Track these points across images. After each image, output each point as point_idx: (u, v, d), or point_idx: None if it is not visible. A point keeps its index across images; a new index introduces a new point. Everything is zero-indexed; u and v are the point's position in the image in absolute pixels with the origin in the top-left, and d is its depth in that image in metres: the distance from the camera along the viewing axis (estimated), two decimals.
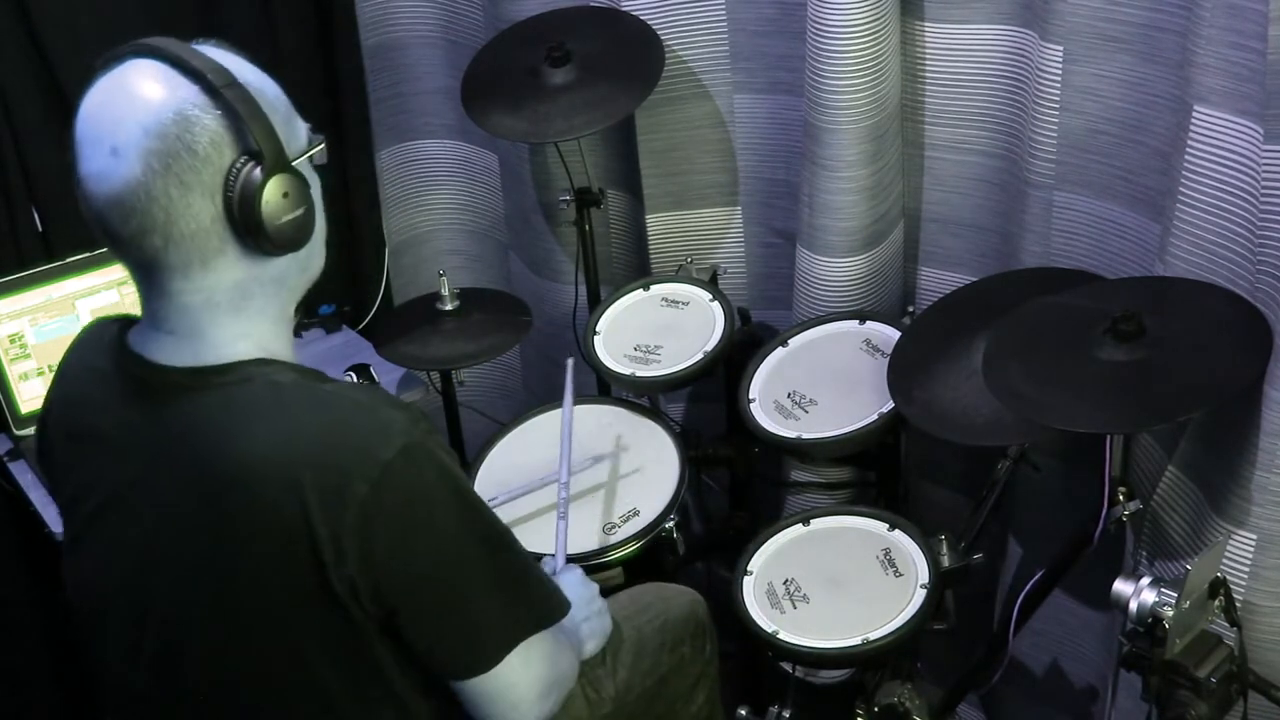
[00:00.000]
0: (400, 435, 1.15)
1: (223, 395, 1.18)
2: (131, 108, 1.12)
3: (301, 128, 1.23)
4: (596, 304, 2.30)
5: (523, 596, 1.28)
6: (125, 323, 1.28)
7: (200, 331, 1.19)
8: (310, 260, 1.25)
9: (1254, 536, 1.55)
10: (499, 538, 1.26)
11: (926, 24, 1.99)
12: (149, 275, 1.17)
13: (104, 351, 1.27)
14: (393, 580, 1.17)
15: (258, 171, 1.12)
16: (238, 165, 1.12)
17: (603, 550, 1.90)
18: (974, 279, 2.04)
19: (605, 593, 1.67)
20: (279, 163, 1.14)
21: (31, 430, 2.08)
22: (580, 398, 2.27)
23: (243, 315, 1.20)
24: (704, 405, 2.50)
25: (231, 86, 1.12)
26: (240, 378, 1.19)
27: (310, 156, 1.22)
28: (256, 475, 1.13)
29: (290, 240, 1.17)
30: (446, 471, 1.19)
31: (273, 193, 1.13)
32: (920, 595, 1.72)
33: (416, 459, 1.16)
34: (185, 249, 1.14)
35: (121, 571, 1.26)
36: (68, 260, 2.16)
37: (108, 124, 1.12)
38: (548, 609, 1.32)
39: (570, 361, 2.09)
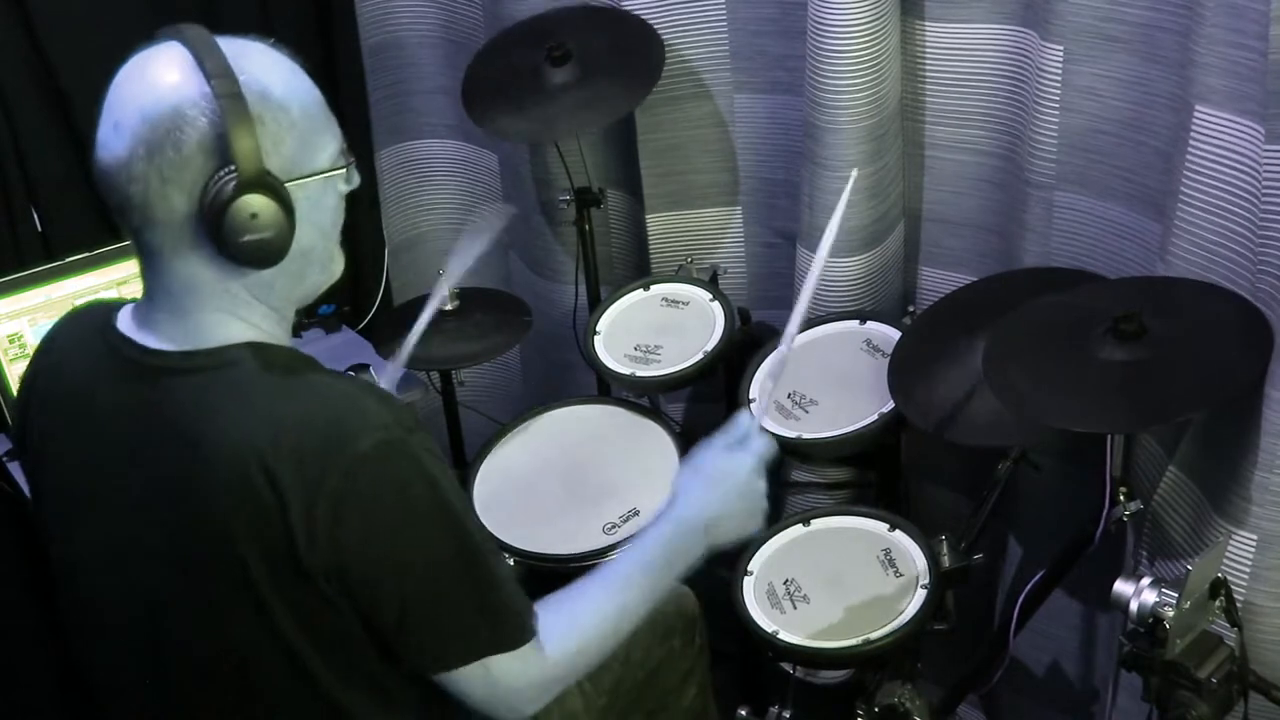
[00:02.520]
0: (379, 430, 1.15)
1: (209, 378, 1.19)
2: (141, 89, 1.14)
3: (326, 149, 1.22)
4: (596, 304, 2.29)
5: (486, 613, 1.25)
6: (114, 307, 1.29)
7: (188, 314, 1.21)
8: (304, 274, 1.25)
9: (1254, 537, 1.55)
10: (473, 550, 1.24)
11: (926, 23, 1.99)
12: (139, 250, 1.20)
13: (95, 331, 1.27)
14: (362, 570, 1.17)
15: (232, 186, 1.12)
16: (219, 175, 1.13)
17: (603, 550, 1.90)
18: (974, 279, 2.04)
19: None
20: (257, 181, 1.13)
21: None
22: (580, 398, 2.28)
23: (228, 303, 1.21)
24: (704, 405, 2.50)
25: (232, 97, 1.12)
26: (228, 361, 1.20)
27: (332, 177, 1.23)
28: (236, 459, 1.14)
29: (253, 258, 1.17)
30: (425, 472, 1.18)
31: (240, 210, 1.13)
32: (920, 595, 1.72)
33: (391, 455, 1.16)
34: (160, 235, 1.16)
35: (108, 550, 1.26)
36: (68, 260, 2.15)
37: (118, 98, 1.15)
38: (506, 632, 1.26)
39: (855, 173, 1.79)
